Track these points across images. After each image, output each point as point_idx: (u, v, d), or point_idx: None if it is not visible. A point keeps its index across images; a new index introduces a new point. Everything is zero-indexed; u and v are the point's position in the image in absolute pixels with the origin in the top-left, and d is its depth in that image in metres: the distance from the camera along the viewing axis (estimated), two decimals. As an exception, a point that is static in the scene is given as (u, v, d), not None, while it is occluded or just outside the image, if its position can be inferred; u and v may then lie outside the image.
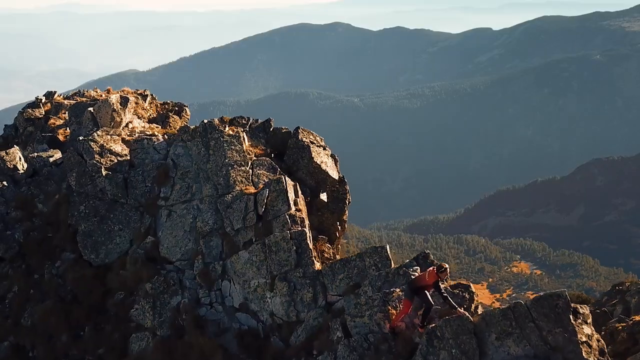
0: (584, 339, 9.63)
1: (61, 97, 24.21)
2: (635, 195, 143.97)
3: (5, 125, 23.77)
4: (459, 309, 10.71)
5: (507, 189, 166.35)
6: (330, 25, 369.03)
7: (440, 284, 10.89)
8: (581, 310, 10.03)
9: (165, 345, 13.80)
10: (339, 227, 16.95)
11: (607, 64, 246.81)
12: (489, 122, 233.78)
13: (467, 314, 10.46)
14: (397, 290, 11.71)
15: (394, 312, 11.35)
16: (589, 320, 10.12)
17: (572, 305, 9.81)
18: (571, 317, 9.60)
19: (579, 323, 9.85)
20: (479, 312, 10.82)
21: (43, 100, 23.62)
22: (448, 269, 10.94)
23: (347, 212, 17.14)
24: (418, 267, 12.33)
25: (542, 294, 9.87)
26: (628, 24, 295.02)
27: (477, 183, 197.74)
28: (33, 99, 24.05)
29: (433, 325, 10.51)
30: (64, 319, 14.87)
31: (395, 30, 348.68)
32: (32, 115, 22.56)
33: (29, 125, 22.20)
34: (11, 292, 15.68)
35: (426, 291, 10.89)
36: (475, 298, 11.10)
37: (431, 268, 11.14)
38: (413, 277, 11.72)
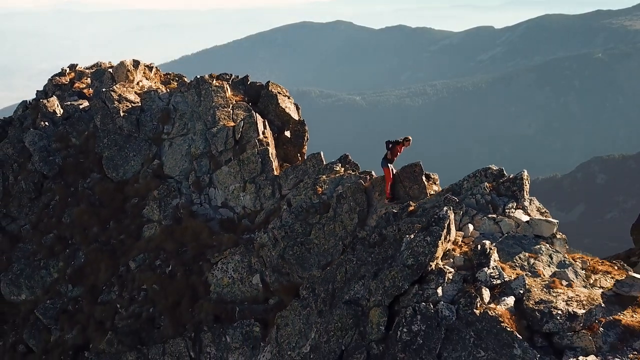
0: (432, 192, 14.85)
1: (82, 67, 29.66)
2: (636, 193, 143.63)
3: (37, 90, 29.11)
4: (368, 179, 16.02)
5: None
6: (332, 23, 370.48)
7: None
8: (432, 176, 15.37)
9: (168, 230, 19.20)
10: (300, 158, 22.23)
11: (609, 62, 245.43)
12: (491, 120, 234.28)
13: (362, 182, 15.75)
14: (323, 176, 17.08)
15: (320, 189, 16.70)
16: (438, 183, 15.39)
17: (425, 172, 15.04)
18: (424, 178, 14.85)
19: (430, 183, 15.11)
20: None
21: (67, 71, 29.04)
22: (410, 141, 14.91)
23: (305, 146, 22.41)
24: (340, 164, 17.75)
25: (405, 164, 15.11)
26: (630, 22, 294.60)
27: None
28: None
29: (341, 191, 15.82)
30: (94, 217, 20.29)
31: (397, 28, 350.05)
32: (59, 81, 27.83)
33: (57, 90, 27.46)
34: (54, 200, 21.15)
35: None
36: (374, 176, 16.37)
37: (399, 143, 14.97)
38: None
